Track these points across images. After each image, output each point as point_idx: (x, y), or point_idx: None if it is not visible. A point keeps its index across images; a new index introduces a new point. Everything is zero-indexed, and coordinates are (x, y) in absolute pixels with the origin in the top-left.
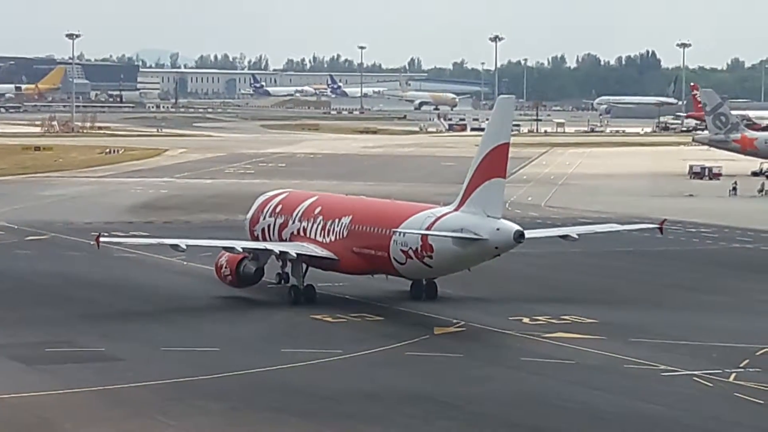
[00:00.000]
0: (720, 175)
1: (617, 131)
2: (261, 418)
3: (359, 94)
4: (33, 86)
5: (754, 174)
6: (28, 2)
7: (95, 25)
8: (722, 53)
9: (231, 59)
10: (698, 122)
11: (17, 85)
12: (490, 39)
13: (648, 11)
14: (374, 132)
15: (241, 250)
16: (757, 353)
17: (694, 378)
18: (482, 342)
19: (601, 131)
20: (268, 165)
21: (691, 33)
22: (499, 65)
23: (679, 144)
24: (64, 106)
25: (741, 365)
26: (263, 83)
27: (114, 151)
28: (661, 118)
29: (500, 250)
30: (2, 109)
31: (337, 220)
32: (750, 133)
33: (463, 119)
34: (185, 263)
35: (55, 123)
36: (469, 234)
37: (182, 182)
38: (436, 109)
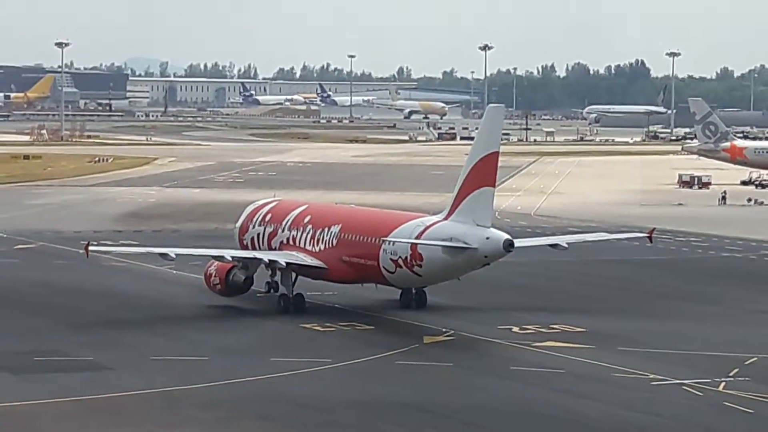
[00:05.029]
0: (709, 184)
1: (606, 140)
2: (250, 427)
3: (349, 103)
4: (22, 95)
5: (744, 183)
6: (17, 11)
7: (84, 33)
8: (711, 62)
9: (220, 68)
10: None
11: (6, 94)
12: (480, 48)
13: (637, 20)
14: (364, 141)
15: (230, 258)
16: (747, 362)
17: (684, 387)
18: (472, 351)
19: (591, 140)
20: (257, 174)
21: (681, 42)
22: (488, 74)
23: (668, 153)
24: (53, 115)
25: (731, 374)
26: (253, 92)
27: (103, 160)
28: (651, 127)
29: (490, 259)
30: None
31: (326, 229)
32: (739, 143)
33: (453, 128)
34: (174, 272)
35: (44, 132)
36: (458, 243)
37: (171, 191)
38: (426, 118)
